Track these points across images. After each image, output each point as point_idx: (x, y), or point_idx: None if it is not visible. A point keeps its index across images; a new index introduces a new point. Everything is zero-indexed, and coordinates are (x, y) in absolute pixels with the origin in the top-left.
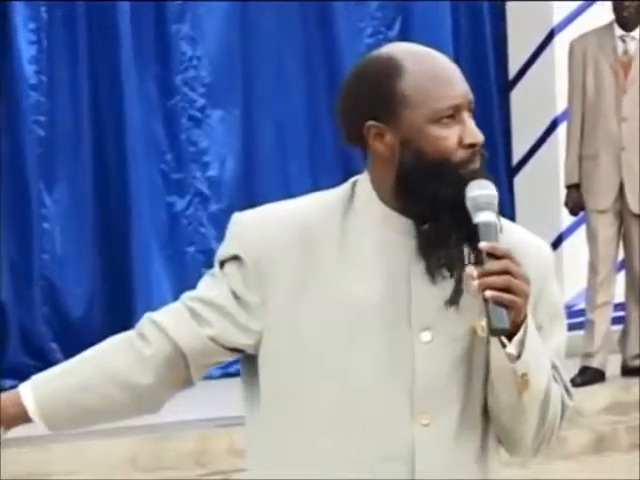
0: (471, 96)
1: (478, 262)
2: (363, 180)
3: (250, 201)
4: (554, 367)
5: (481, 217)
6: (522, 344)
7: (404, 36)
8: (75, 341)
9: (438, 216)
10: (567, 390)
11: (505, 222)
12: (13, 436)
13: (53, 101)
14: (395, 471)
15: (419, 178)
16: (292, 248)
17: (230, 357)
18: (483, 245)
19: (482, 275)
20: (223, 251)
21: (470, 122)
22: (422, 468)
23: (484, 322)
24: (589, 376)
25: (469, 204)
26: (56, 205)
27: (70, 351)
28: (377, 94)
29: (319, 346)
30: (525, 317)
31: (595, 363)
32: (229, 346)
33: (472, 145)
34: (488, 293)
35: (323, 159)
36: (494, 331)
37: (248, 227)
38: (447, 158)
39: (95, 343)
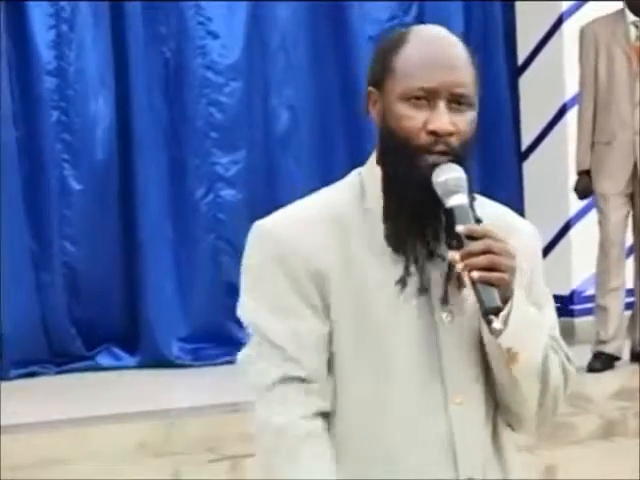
0: (459, 89)
1: (459, 246)
2: (369, 166)
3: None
4: (553, 338)
5: (453, 201)
6: (507, 319)
7: (420, 22)
8: (95, 328)
9: (404, 200)
10: (568, 358)
11: (492, 202)
12: (23, 422)
13: (72, 86)
14: (437, 454)
15: (386, 156)
16: (332, 246)
17: None
18: (460, 229)
19: (464, 257)
20: (256, 260)
21: (442, 111)
22: (461, 448)
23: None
24: (604, 362)
25: (439, 190)
26: (77, 192)
27: (90, 337)
28: (379, 63)
29: (375, 328)
30: (512, 292)
31: (610, 349)
32: None
33: (435, 132)
34: (474, 274)
35: (340, 147)
36: (487, 310)
37: (277, 231)
38: (408, 139)
39: (117, 329)
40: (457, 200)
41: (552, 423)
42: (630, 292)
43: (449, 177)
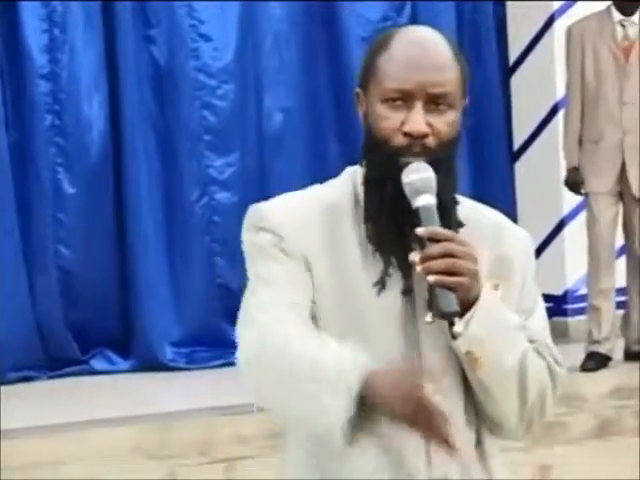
0: (436, 90)
1: (422, 248)
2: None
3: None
4: (540, 341)
5: (419, 201)
6: (468, 323)
7: (412, 22)
8: (89, 332)
9: (382, 200)
10: (556, 361)
11: (485, 208)
12: (18, 425)
13: (66, 90)
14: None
15: (366, 156)
16: (317, 233)
17: None
18: (420, 231)
19: (423, 260)
20: (251, 237)
21: (417, 112)
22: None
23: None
24: (597, 362)
25: (407, 190)
26: (71, 195)
27: (84, 341)
28: (365, 64)
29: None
30: (477, 296)
31: (603, 349)
32: None
33: (409, 134)
34: (431, 278)
35: (333, 148)
36: (444, 315)
37: (273, 208)
38: (386, 140)
39: (111, 333)
40: (423, 201)
41: (545, 423)
42: (623, 291)
43: (416, 177)
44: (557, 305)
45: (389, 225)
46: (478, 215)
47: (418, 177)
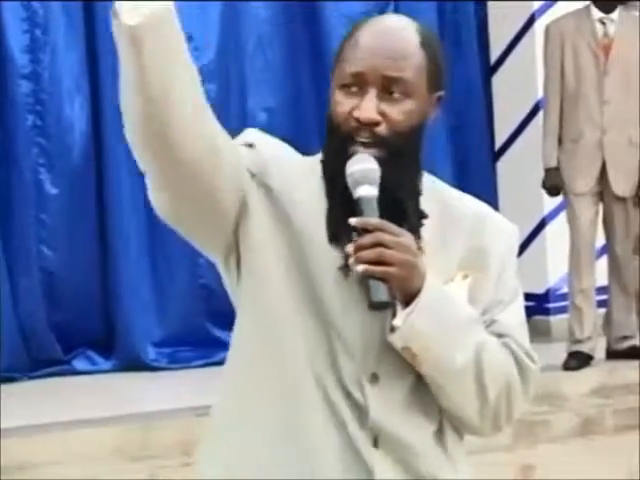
0: (391, 74)
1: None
2: None
3: None
4: (505, 335)
5: (358, 192)
6: (406, 317)
7: None
8: (71, 332)
9: (330, 187)
10: (528, 355)
11: (471, 199)
12: (2, 426)
13: (48, 90)
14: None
15: (324, 142)
16: (306, 187)
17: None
18: (352, 221)
19: (356, 250)
20: (240, 139)
21: (368, 98)
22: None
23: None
24: (579, 361)
25: (349, 181)
26: (53, 196)
27: (66, 342)
28: (337, 50)
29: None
30: (419, 289)
31: (585, 348)
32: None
33: (358, 120)
34: (359, 267)
35: (317, 147)
36: (372, 305)
37: (266, 137)
38: (338, 125)
39: (93, 333)
40: (362, 192)
41: (528, 422)
42: (604, 290)
43: (356, 168)
44: (539, 304)
45: (338, 213)
46: (459, 204)
47: (358, 168)
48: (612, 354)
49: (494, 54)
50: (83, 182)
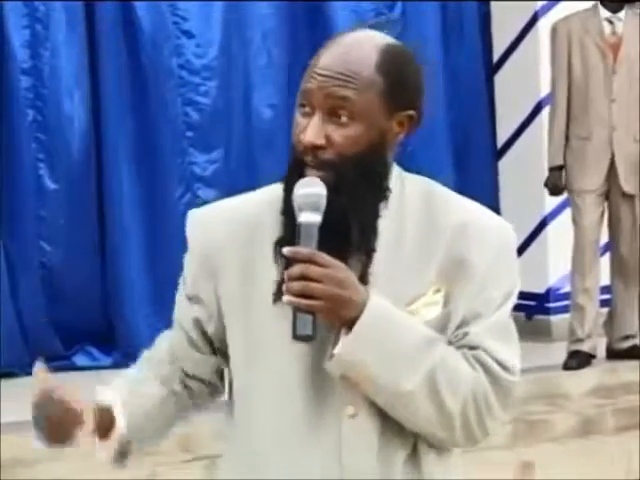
0: (336, 97)
1: (288, 266)
2: None
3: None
4: (478, 348)
5: (299, 218)
6: (342, 347)
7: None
8: (71, 328)
9: (283, 210)
10: (503, 366)
11: (465, 202)
12: (2, 422)
13: (47, 85)
14: (322, 464)
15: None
16: (235, 241)
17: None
18: (284, 250)
19: (287, 280)
20: (187, 242)
21: (313, 121)
22: (349, 461)
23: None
24: (580, 360)
25: (294, 205)
26: (53, 191)
27: (66, 337)
28: None
29: (264, 342)
30: (353, 321)
31: (586, 347)
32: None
33: (301, 142)
34: (284, 298)
35: None
36: (295, 337)
37: (195, 224)
38: (293, 145)
39: (93, 329)
40: (302, 218)
41: (528, 422)
42: (606, 289)
43: (300, 192)
44: (540, 303)
45: (286, 238)
46: (444, 213)
47: (301, 193)
48: (613, 354)
49: (496, 53)
50: (83, 178)
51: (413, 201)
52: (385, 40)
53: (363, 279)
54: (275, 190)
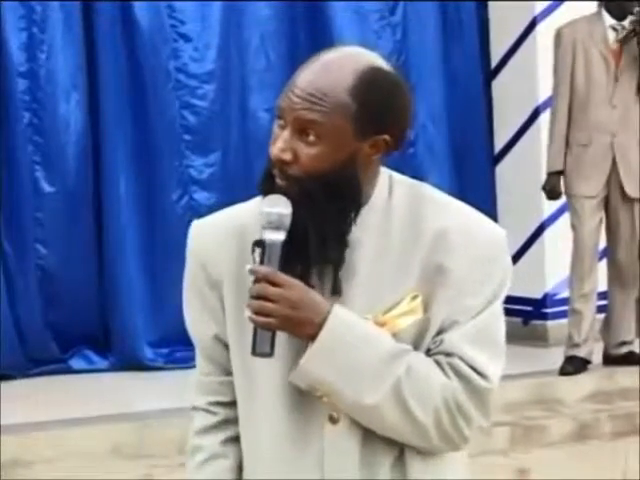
0: (304, 116)
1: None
2: None
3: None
4: (453, 355)
5: (263, 235)
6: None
7: (404, 25)
8: (68, 331)
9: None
10: (479, 372)
11: (454, 207)
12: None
13: (44, 88)
14: (305, 470)
15: None
16: (230, 252)
17: None
18: (246, 268)
19: (249, 297)
20: (187, 256)
21: (282, 136)
22: (331, 467)
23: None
24: (576, 365)
25: (260, 220)
26: (49, 194)
27: (63, 341)
28: None
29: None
30: (316, 335)
31: (582, 353)
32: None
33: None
34: (246, 314)
35: None
36: (253, 353)
37: (194, 236)
38: (268, 157)
39: (90, 332)
40: (265, 235)
41: (524, 427)
42: (603, 295)
43: (264, 210)
44: (536, 309)
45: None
46: (427, 219)
47: (265, 212)
48: (609, 359)
49: (495, 58)
50: (80, 180)
51: (401, 207)
52: (369, 62)
53: (335, 290)
54: (253, 202)
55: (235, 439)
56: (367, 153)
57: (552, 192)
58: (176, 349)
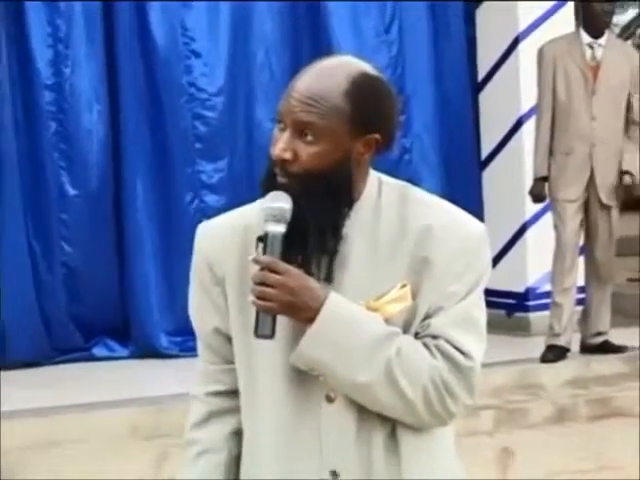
0: (301, 119)
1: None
2: None
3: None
4: (439, 337)
5: (264, 228)
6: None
7: (399, 42)
8: (91, 322)
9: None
10: (463, 353)
11: (436, 205)
12: (23, 407)
13: (69, 100)
14: (306, 458)
15: None
16: (234, 250)
17: None
18: (249, 257)
19: (252, 284)
20: (194, 255)
21: (283, 137)
22: (327, 442)
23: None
24: (556, 353)
25: (263, 214)
26: (73, 196)
27: (86, 331)
28: None
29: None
30: (313, 319)
31: (562, 342)
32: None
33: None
34: (249, 299)
35: None
36: (257, 336)
37: (201, 237)
38: (270, 157)
39: (111, 323)
40: (267, 228)
41: (508, 410)
42: (582, 289)
43: (266, 205)
44: (519, 302)
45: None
46: (415, 217)
47: (267, 206)
48: (586, 348)
49: (481, 73)
50: (101, 184)
51: (389, 206)
52: (360, 69)
53: (329, 278)
54: (257, 203)
55: (229, 432)
56: (360, 151)
57: (538, 196)
58: (189, 338)
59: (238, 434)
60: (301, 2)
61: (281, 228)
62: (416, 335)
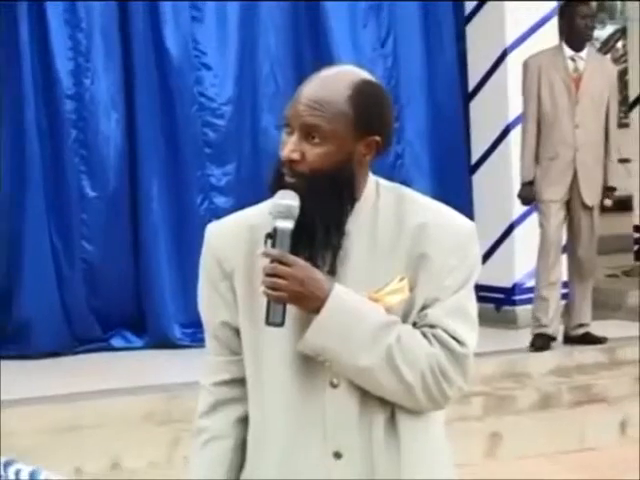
0: (307, 122)
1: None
2: None
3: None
4: (436, 326)
5: (274, 224)
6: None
7: (394, 55)
8: (109, 314)
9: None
10: (458, 341)
11: (430, 205)
12: (43, 394)
13: (88, 109)
14: (311, 440)
15: None
16: (241, 248)
17: None
18: (259, 251)
19: (263, 275)
20: (203, 253)
21: (291, 140)
22: (331, 425)
23: None
24: (543, 341)
25: (271, 212)
26: (93, 198)
27: (104, 323)
28: None
29: (265, 330)
30: (318, 311)
31: (549, 331)
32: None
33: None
34: (261, 289)
35: None
36: (267, 323)
37: (210, 235)
38: (281, 162)
39: (128, 316)
40: (276, 224)
41: (497, 397)
42: (565, 284)
43: (275, 202)
44: (507, 296)
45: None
46: (411, 217)
47: (276, 203)
48: (569, 339)
49: (471, 84)
50: (118, 186)
51: (386, 206)
52: (361, 76)
53: (332, 271)
54: (264, 204)
55: (235, 419)
56: (362, 152)
57: (526, 199)
58: (200, 330)
59: (244, 421)
60: (304, 18)
61: (289, 224)
62: (414, 325)
